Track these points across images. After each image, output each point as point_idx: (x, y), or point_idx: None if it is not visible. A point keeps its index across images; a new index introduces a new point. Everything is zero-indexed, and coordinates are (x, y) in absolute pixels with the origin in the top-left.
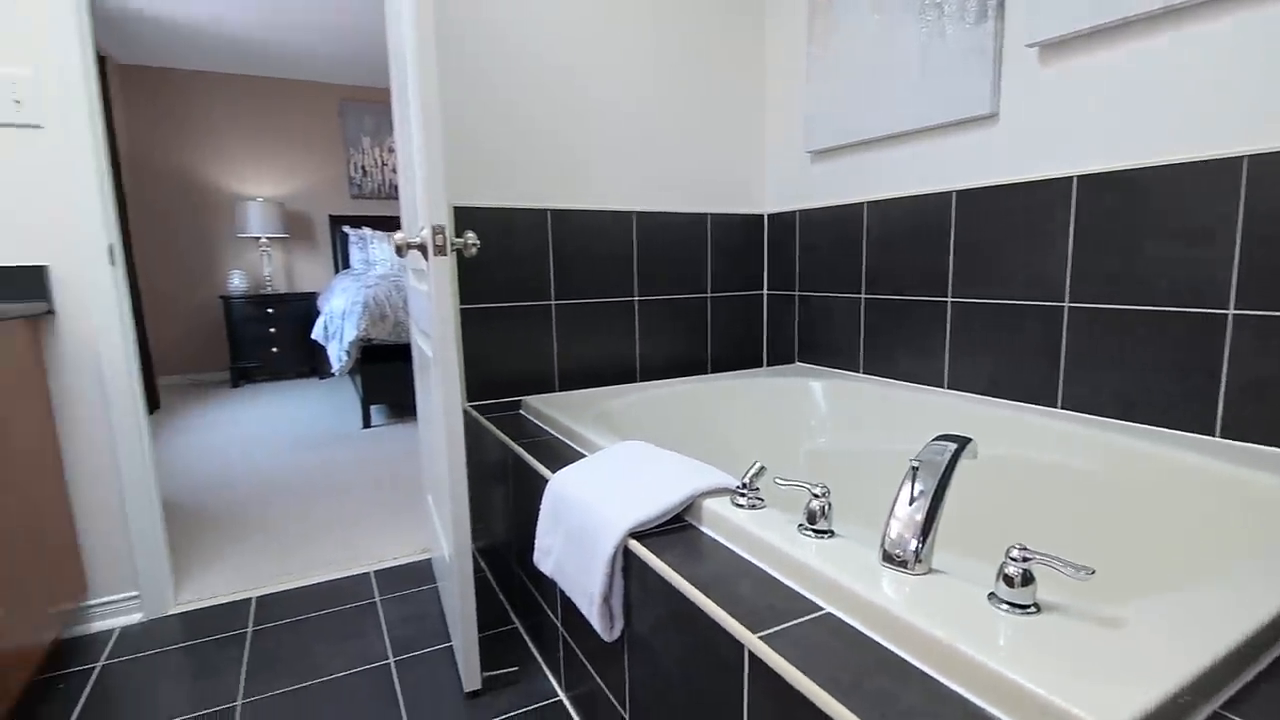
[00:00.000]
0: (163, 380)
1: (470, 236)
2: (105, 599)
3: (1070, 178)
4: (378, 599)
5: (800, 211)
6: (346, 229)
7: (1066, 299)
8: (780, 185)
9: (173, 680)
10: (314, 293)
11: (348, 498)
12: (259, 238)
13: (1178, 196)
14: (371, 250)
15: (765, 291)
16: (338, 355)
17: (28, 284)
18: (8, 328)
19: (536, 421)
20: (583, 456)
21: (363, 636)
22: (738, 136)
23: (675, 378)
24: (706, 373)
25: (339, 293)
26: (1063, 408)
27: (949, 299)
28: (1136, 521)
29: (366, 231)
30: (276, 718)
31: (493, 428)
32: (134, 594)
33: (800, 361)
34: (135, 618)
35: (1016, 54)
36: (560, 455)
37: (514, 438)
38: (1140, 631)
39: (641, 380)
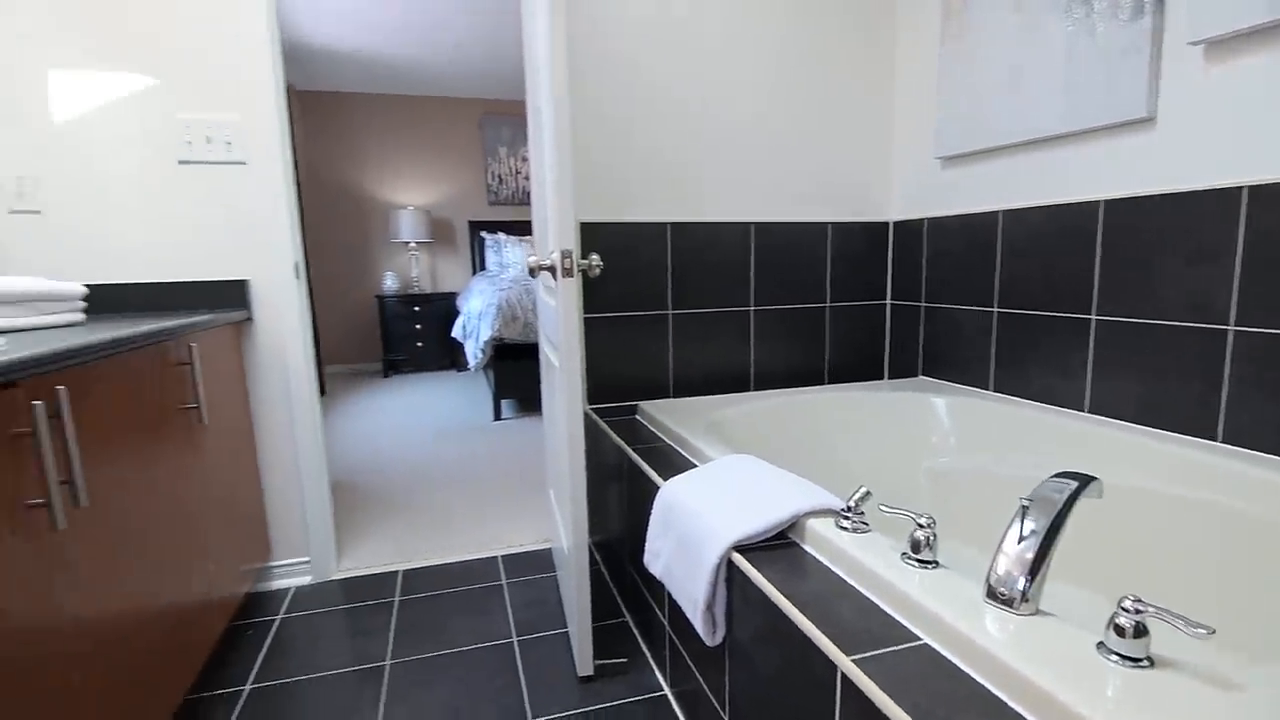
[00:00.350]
0: (328, 369)
1: (594, 259)
2: (283, 561)
3: (1240, 188)
4: (504, 582)
5: (929, 219)
6: (484, 234)
7: (1232, 322)
8: (907, 192)
9: (335, 636)
10: (454, 292)
11: (480, 486)
12: (408, 242)
13: None
14: (505, 253)
15: (888, 301)
16: (474, 353)
17: (234, 295)
18: (221, 332)
19: (651, 428)
20: (693, 465)
21: (490, 615)
22: (862, 143)
23: (790, 387)
24: (823, 383)
25: (476, 295)
26: (1223, 441)
27: (1093, 316)
28: None
29: (501, 236)
30: (417, 679)
31: (610, 432)
32: (305, 559)
33: (924, 375)
34: (306, 579)
35: (1177, 52)
36: (672, 463)
37: (630, 443)
38: (1257, 700)
39: (755, 389)
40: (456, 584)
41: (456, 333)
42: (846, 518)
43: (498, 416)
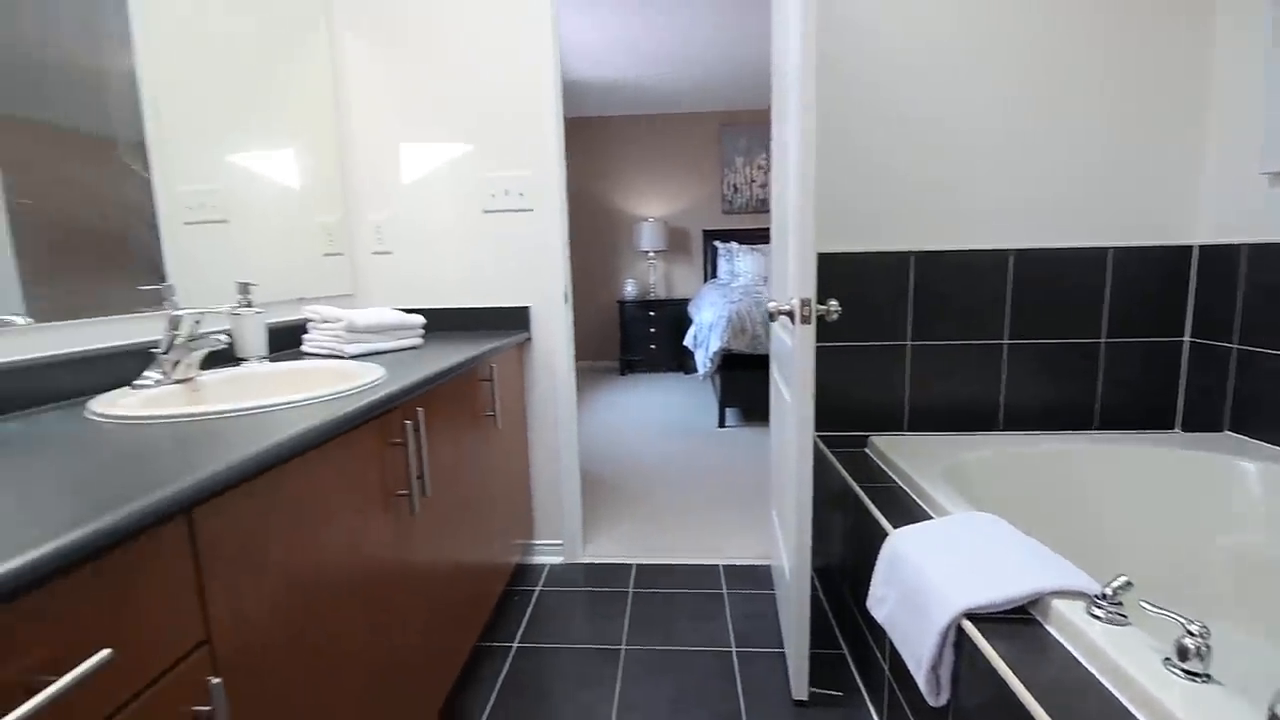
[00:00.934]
0: (576, 364)
1: (833, 305)
2: (542, 541)
3: None
4: (725, 591)
5: (1251, 245)
6: (717, 243)
7: None
8: (1220, 212)
9: (581, 615)
10: (686, 298)
11: (704, 490)
12: (648, 251)
13: None
14: (736, 262)
15: (1186, 339)
16: (703, 361)
17: (518, 319)
18: (511, 352)
19: (881, 464)
20: (926, 514)
21: (712, 621)
22: (1158, 156)
23: (1046, 430)
24: (1090, 429)
25: (707, 306)
26: None
27: None
28: None
29: (734, 245)
30: (648, 667)
31: (838, 465)
32: (559, 542)
33: (1231, 432)
34: (558, 560)
35: None
36: (903, 507)
37: (858, 479)
38: None
39: (1005, 429)
40: (682, 585)
41: (688, 341)
42: (1100, 605)
43: (722, 423)
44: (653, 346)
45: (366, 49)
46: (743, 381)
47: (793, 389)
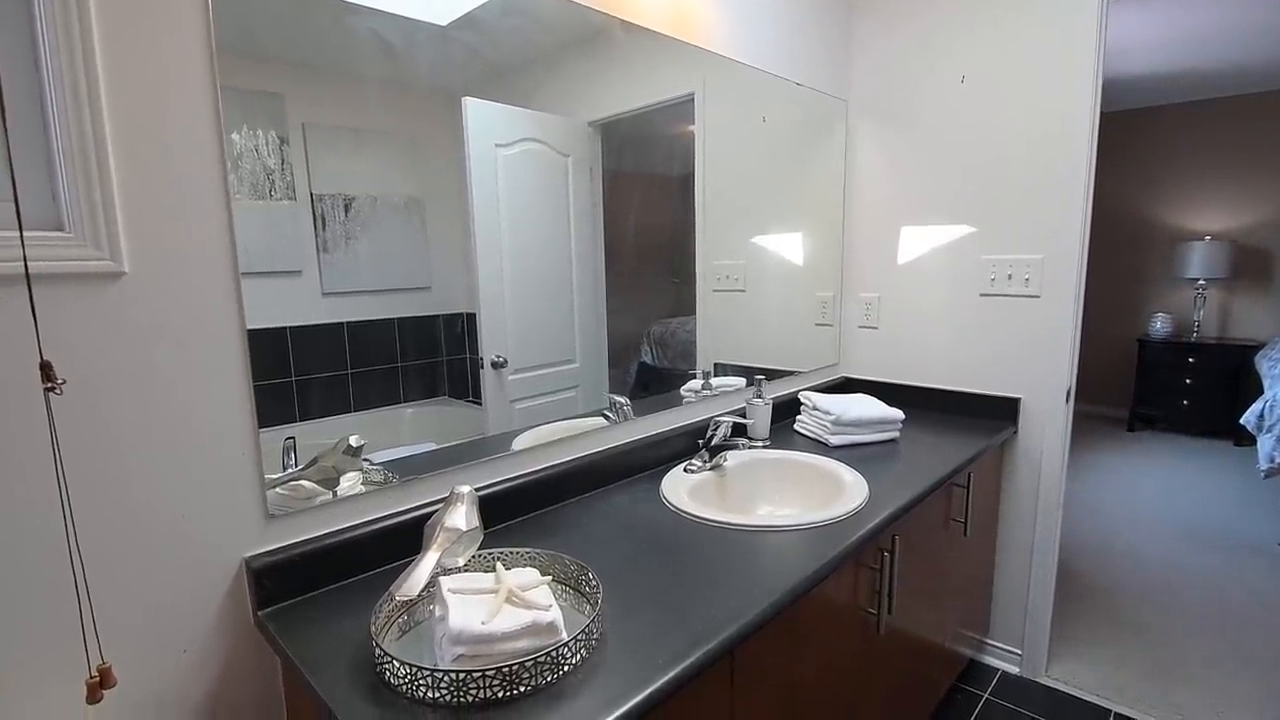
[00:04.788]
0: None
1: None
2: (997, 643)
3: None
4: None
5: None
6: None
7: None
8: None
9: None
10: (1253, 344)
11: (1243, 644)
12: (1196, 279)
13: None
14: None
15: None
16: (1269, 454)
17: (1004, 410)
18: (992, 454)
19: None
20: None
21: None
22: None
23: None
24: None
25: None
26: None
27: None
28: None
29: None
30: None
31: None
32: (1018, 651)
33: None
34: (1014, 669)
35: None
36: None
37: None
38: None
39: None
40: None
41: (1248, 420)
42: None
43: None
44: (1184, 402)
45: (875, 140)
46: None
47: None
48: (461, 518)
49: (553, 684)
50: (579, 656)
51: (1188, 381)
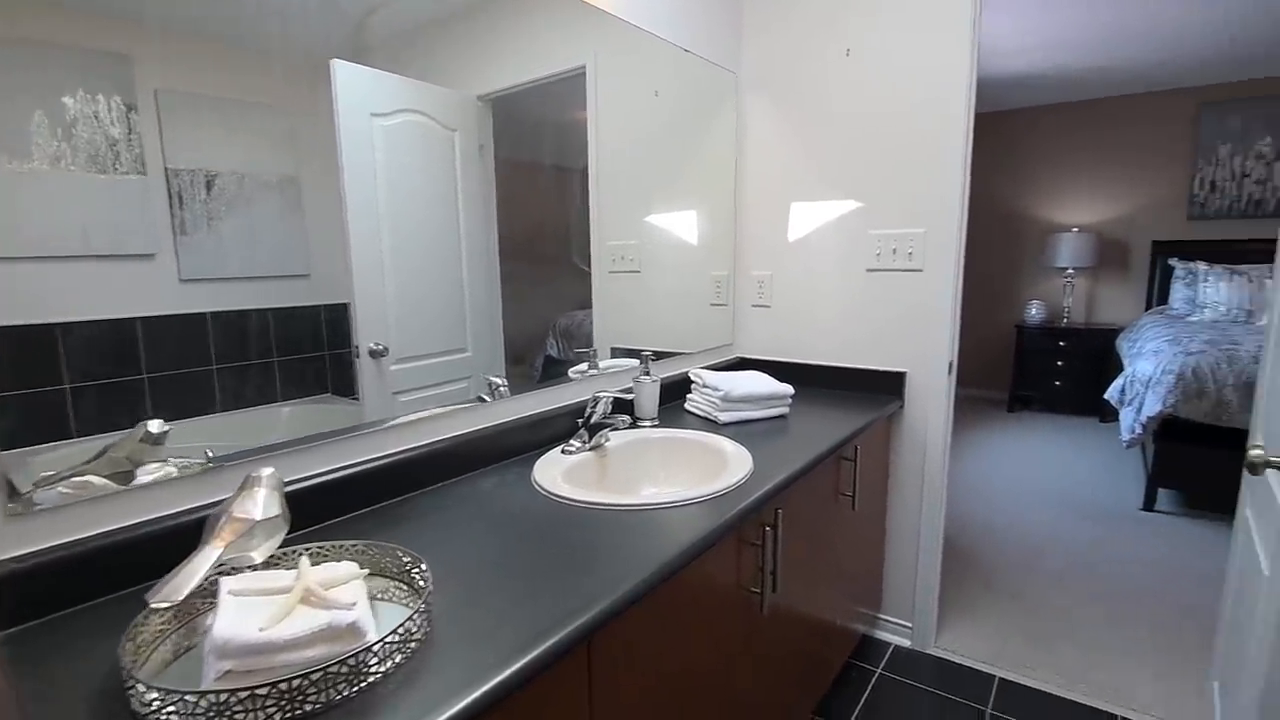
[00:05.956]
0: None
1: None
2: (889, 617)
3: None
4: None
5: None
6: (1174, 261)
7: None
8: None
9: (921, 717)
10: (1115, 328)
11: (1108, 600)
12: (1065, 268)
13: None
14: (1202, 290)
15: None
16: (1131, 425)
17: (891, 385)
18: (880, 425)
19: None
20: None
21: None
22: None
23: None
24: None
25: (1149, 353)
26: None
27: None
28: None
29: (1200, 266)
30: None
31: None
32: (909, 624)
33: None
34: (905, 642)
35: None
36: None
37: None
38: None
39: None
40: None
41: (1111, 394)
42: None
43: (1149, 505)
44: (1057, 383)
45: (766, 115)
46: (1190, 458)
47: (1276, 568)
48: (257, 505)
49: (352, 698)
50: (392, 663)
51: (1059, 364)
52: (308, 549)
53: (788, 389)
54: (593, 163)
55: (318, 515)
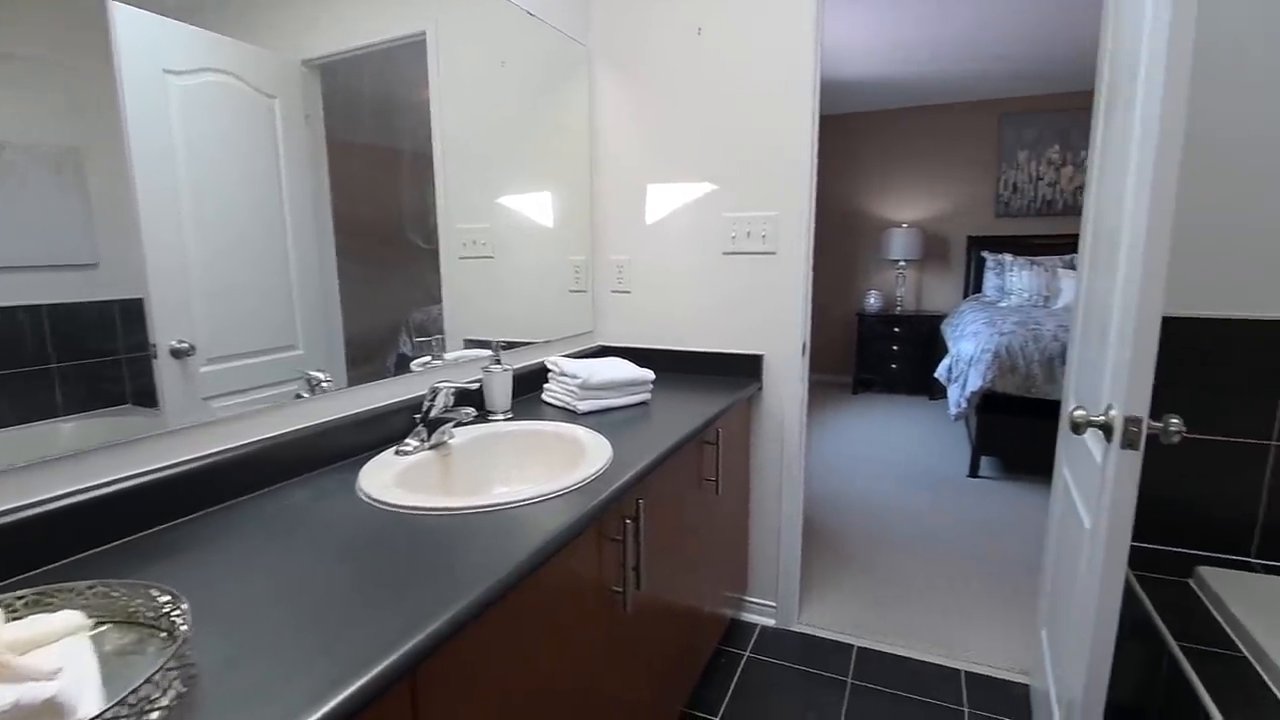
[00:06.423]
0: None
1: (1173, 423)
2: (755, 599)
3: None
4: (966, 709)
5: None
6: (985, 253)
7: None
8: None
9: (788, 700)
10: (940, 314)
11: (948, 561)
12: (898, 260)
13: None
14: (1009, 278)
15: None
16: (957, 400)
17: (750, 367)
18: (741, 407)
19: (1214, 612)
20: None
21: None
22: None
23: None
24: None
25: (969, 335)
26: None
27: None
28: None
29: (1006, 258)
30: None
31: (1151, 611)
32: (773, 604)
33: None
34: (771, 622)
35: None
36: (1251, 697)
37: (1182, 638)
38: None
39: None
40: (912, 689)
41: (940, 373)
42: None
43: (974, 472)
44: (894, 366)
45: (620, 91)
46: (1006, 428)
47: (1098, 520)
48: None
49: None
50: None
51: (894, 348)
52: (27, 597)
53: (648, 374)
54: (437, 138)
55: (58, 549)
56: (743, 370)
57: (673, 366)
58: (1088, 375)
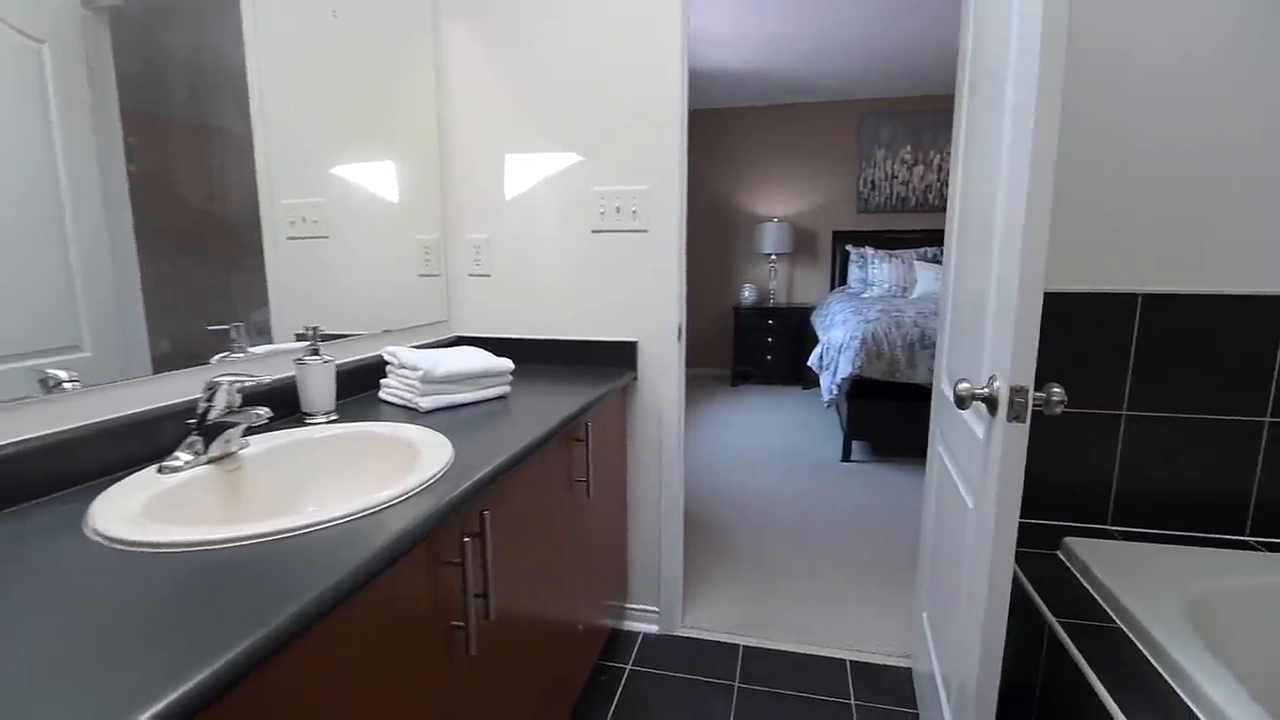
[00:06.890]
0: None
1: (1056, 393)
2: (637, 606)
3: None
4: (853, 702)
5: None
6: (849, 247)
7: None
8: None
9: (675, 709)
10: (810, 306)
11: (828, 550)
12: (770, 254)
13: None
14: (870, 270)
15: None
16: (828, 387)
17: (624, 355)
18: (614, 397)
19: (1085, 584)
20: (1169, 686)
21: None
22: None
23: None
24: None
25: (838, 324)
26: None
27: None
28: None
29: (868, 251)
30: None
31: (1029, 588)
32: (655, 609)
33: None
34: (653, 629)
35: None
36: (1128, 664)
37: (1059, 612)
38: None
39: (1253, 533)
40: (799, 686)
41: (812, 362)
42: None
43: (846, 457)
44: (769, 357)
45: (473, 49)
46: (874, 412)
47: (983, 499)
48: None
49: None
50: None
51: (769, 340)
52: None
53: (506, 364)
54: (255, 96)
55: None
56: (616, 359)
57: (538, 357)
58: (961, 353)
